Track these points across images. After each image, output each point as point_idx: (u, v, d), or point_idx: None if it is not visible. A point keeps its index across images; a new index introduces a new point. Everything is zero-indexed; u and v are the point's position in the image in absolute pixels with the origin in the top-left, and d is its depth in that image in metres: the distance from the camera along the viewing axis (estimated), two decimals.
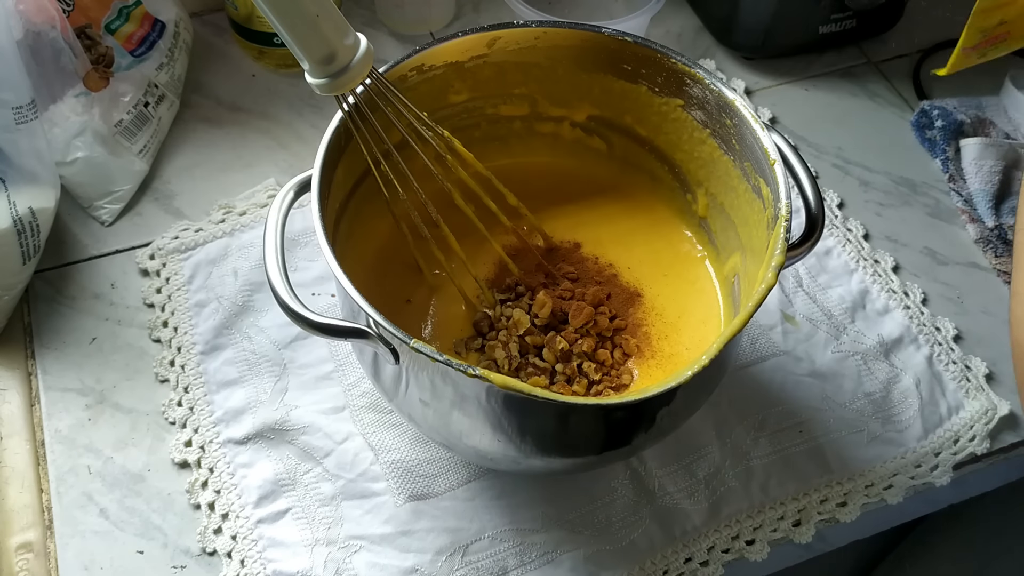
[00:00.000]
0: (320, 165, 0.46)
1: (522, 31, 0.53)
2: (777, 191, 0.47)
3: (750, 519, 0.56)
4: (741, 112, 0.50)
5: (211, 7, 0.79)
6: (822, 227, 0.48)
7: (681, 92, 0.53)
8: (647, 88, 0.54)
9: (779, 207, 0.46)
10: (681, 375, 0.40)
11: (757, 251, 0.49)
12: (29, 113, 0.57)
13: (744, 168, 0.51)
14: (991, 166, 0.71)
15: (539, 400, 0.40)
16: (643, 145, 0.58)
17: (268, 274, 0.45)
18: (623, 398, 0.41)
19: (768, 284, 0.43)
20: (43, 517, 0.54)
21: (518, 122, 0.59)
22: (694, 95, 0.52)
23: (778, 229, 0.45)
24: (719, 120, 0.52)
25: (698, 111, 0.53)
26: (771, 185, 0.47)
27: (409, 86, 0.52)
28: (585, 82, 0.55)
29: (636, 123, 0.57)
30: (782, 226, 0.45)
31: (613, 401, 0.42)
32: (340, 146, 0.49)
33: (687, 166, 0.56)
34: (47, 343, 0.60)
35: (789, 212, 0.46)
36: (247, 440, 0.57)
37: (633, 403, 0.41)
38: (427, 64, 0.52)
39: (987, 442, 0.59)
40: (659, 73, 0.53)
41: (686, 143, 0.55)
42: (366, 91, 0.48)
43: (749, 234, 0.51)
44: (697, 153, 0.55)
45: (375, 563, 0.53)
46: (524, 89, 0.57)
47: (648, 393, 0.40)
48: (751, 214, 0.51)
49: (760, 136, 0.48)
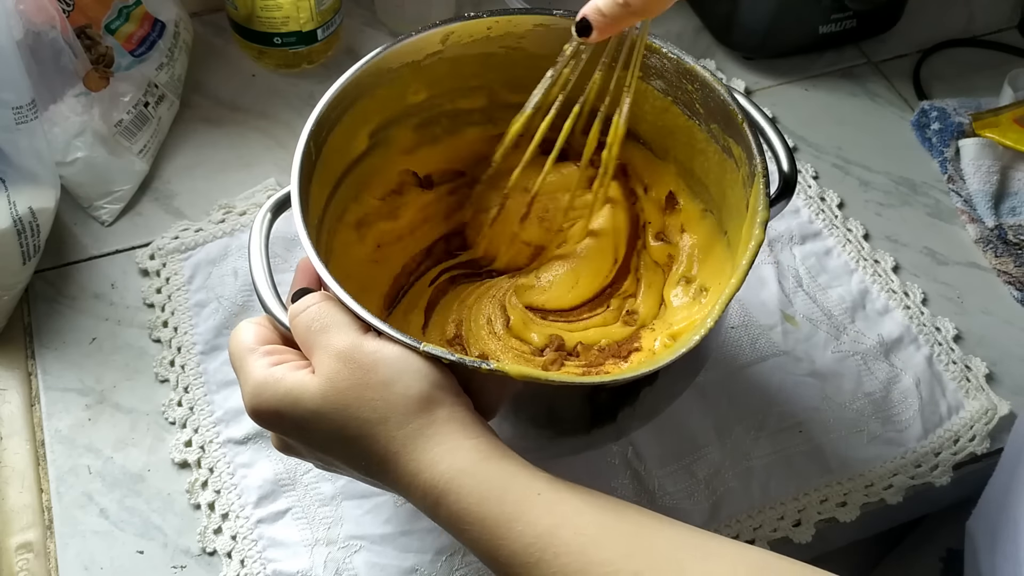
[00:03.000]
0: (297, 180, 0.46)
1: (474, 23, 0.52)
2: (750, 149, 0.47)
3: (750, 519, 0.56)
4: (702, 75, 0.50)
5: (211, 7, 0.79)
6: (795, 184, 0.48)
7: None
8: (607, 67, 0.54)
9: (754, 164, 0.46)
10: (688, 340, 0.41)
11: (734, 210, 0.50)
12: (29, 113, 0.57)
13: (711, 130, 0.51)
14: (989, 166, 0.71)
15: (555, 384, 0.40)
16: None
17: (262, 300, 0.44)
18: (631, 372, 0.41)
19: (757, 240, 0.43)
20: (43, 517, 0.54)
21: (477, 114, 0.58)
22: (652, 65, 0.52)
23: (756, 185, 0.45)
24: (680, 87, 0.51)
25: (657, 80, 0.52)
26: (742, 144, 0.48)
27: (365, 89, 0.51)
28: (542, 65, 0.55)
29: (596, 99, 0.55)
30: (760, 181, 0.45)
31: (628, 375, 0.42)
32: (312, 160, 0.48)
33: (651, 136, 0.56)
34: (47, 343, 0.60)
35: (765, 167, 0.46)
36: (247, 440, 0.57)
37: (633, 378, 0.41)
38: (384, 67, 0.52)
39: (987, 442, 0.59)
40: (615, 48, 0.52)
41: (648, 114, 0.55)
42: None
43: (723, 194, 0.52)
44: (661, 122, 0.54)
45: (375, 563, 0.53)
46: (481, 80, 0.56)
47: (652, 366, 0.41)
48: (723, 174, 0.51)
49: (725, 97, 0.49)
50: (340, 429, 0.38)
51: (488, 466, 0.37)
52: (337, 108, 0.50)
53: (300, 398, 0.39)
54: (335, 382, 0.38)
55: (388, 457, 0.38)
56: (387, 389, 0.38)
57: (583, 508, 0.37)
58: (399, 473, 0.38)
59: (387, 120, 0.54)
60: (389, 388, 0.38)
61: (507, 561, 0.36)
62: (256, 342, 0.42)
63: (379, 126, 0.54)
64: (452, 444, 0.38)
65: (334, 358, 0.39)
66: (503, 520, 0.36)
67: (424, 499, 0.38)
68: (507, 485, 0.37)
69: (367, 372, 0.38)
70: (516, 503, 0.36)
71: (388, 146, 0.55)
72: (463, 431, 0.38)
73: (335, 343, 0.39)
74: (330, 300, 0.41)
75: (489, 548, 0.36)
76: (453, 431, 0.38)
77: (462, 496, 0.37)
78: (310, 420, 0.39)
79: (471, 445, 0.38)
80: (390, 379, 0.38)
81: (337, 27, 0.75)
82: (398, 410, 0.38)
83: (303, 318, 0.41)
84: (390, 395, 0.38)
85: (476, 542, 0.37)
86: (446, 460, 0.37)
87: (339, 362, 0.39)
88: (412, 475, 0.38)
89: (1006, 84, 0.75)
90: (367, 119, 0.53)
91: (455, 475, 0.37)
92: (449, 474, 0.37)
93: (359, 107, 0.51)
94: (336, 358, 0.39)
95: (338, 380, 0.38)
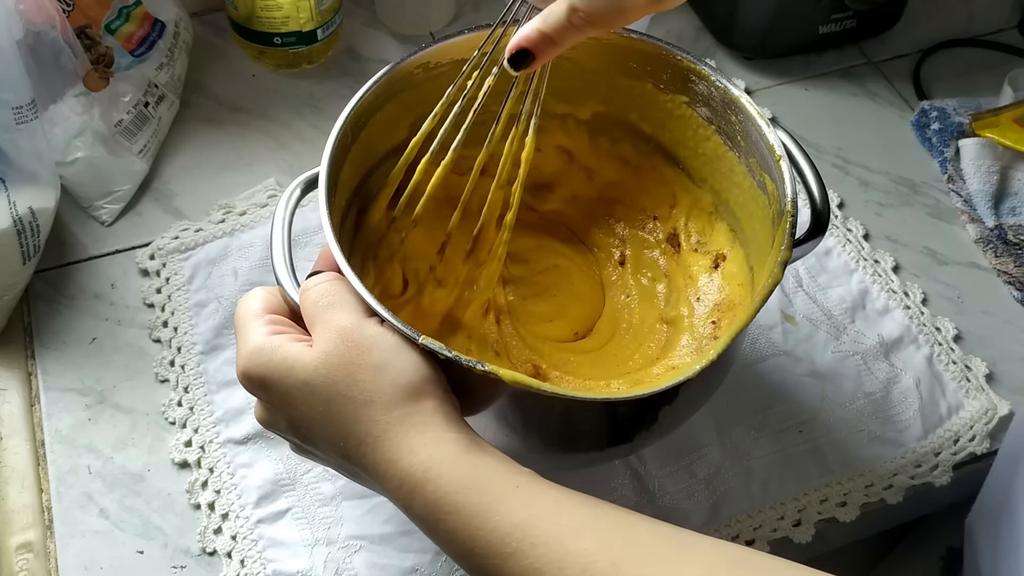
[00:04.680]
0: (328, 161, 0.46)
1: None
2: (783, 187, 0.46)
3: (750, 519, 0.56)
4: (747, 109, 0.50)
5: (211, 7, 0.79)
6: (827, 223, 0.48)
7: (686, 89, 0.53)
8: (652, 85, 0.54)
9: (784, 202, 0.46)
10: (689, 370, 0.40)
11: (761, 246, 0.49)
12: (29, 113, 0.57)
13: (749, 164, 0.51)
14: (989, 166, 0.71)
15: (547, 395, 0.40)
16: (648, 142, 0.57)
17: (276, 273, 0.44)
18: (629, 393, 0.41)
19: (775, 279, 0.43)
20: (43, 517, 0.54)
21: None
22: (699, 92, 0.52)
23: (783, 224, 0.45)
24: (724, 117, 0.51)
25: (703, 108, 0.53)
26: (776, 181, 0.47)
27: (414, 83, 0.52)
28: (591, 79, 0.55)
29: (641, 120, 0.56)
30: (787, 221, 0.45)
31: (619, 396, 0.42)
32: (347, 144, 0.48)
33: (691, 163, 0.56)
34: (47, 343, 0.60)
35: (795, 208, 0.45)
36: (247, 440, 0.57)
37: (640, 398, 0.40)
38: (433, 62, 0.52)
39: (987, 442, 0.59)
40: (664, 70, 0.53)
41: (691, 140, 0.55)
42: None
43: (754, 229, 0.51)
44: (702, 150, 0.55)
45: (375, 563, 0.53)
46: (528, 86, 0.56)
47: (655, 388, 0.40)
48: (756, 210, 0.51)
49: (766, 133, 0.48)
50: (325, 403, 0.39)
51: (469, 458, 0.37)
52: (381, 96, 0.50)
53: (293, 367, 0.39)
54: (330, 357, 0.39)
55: (368, 440, 0.38)
56: (377, 373, 0.39)
57: (562, 501, 0.37)
58: (377, 458, 0.38)
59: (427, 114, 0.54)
60: (379, 373, 0.39)
61: (483, 552, 0.36)
62: (263, 309, 0.43)
63: (420, 119, 0.53)
64: (434, 435, 0.38)
65: (334, 333, 0.39)
66: (480, 510, 0.36)
67: (400, 488, 0.38)
68: (487, 476, 0.37)
69: (361, 353, 0.39)
70: (495, 493, 0.36)
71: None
72: (446, 425, 0.38)
73: (338, 320, 0.40)
74: (342, 281, 0.42)
75: (465, 539, 0.36)
76: (436, 424, 0.38)
77: (440, 485, 0.37)
78: (298, 391, 0.39)
79: (452, 438, 0.38)
80: (382, 364, 0.39)
81: (337, 27, 0.75)
82: (385, 396, 0.38)
83: (312, 293, 0.42)
84: (379, 380, 0.39)
85: (452, 532, 0.37)
86: (427, 449, 0.37)
87: (337, 338, 0.39)
88: (390, 462, 0.38)
89: (1006, 84, 0.75)
90: (410, 111, 0.52)
91: (434, 464, 0.37)
92: (428, 463, 0.37)
93: (403, 98, 0.51)
94: (335, 333, 0.39)
95: (333, 355, 0.39)
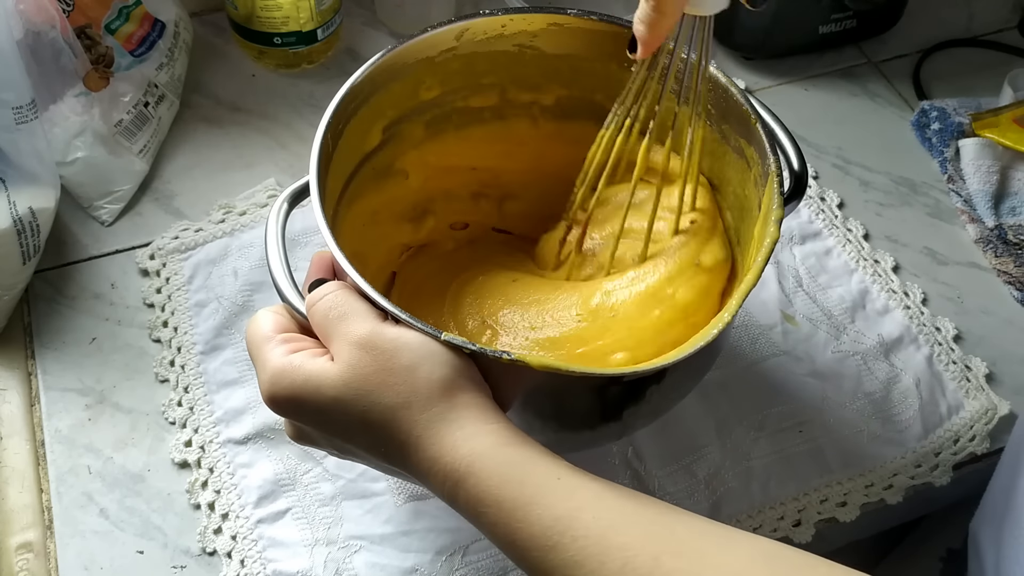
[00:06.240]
0: (315, 169, 0.46)
1: (489, 20, 0.52)
2: (763, 148, 0.47)
3: (750, 519, 0.56)
4: (715, 77, 0.50)
5: (211, 7, 0.79)
6: (806, 184, 0.49)
7: (653, 63, 0.52)
8: (616, 64, 0.53)
9: (767, 163, 0.46)
10: (707, 333, 0.41)
11: (746, 209, 0.50)
12: (29, 113, 0.57)
13: (723, 131, 0.51)
14: (989, 166, 0.71)
15: (575, 375, 0.40)
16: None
17: (280, 290, 0.44)
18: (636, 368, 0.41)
19: (772, 238, 0.43)
20: (43, 517, 0.54)
21: (488, 112, 0.58)
22: (664, 66, 0.52)
23: (771, 184, 0.46)
24: (692, 88, 0.51)
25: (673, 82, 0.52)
26: (755, 144, 0.48)
27: (379, 84, 0.51)
28: (553, 64, 0.55)
29: (607, 100, 0.55)
30: (774, 180, 0.45)
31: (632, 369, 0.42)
32: (328, 152, 0.48)
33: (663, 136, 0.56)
34: (47, 343, 0.60)
35: (779, 166, 0.46)
36: (247, 440, 0.57)
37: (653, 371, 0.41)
38: (398, 63, 0.52)
39: (987, 442, 0.59)
40: (627, 47, 0.52)
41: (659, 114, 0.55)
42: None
43: (735, 194, 0.52)
44: (671, 122, 0.54)
45: (375, 563, 0.53)
46: (493, 78, 0.56)
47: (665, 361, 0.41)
48: (735, 174, 0.51)
49: (738, 98, 0.49)
50: (362, 415, 0.38)
51: (509, 450, 0.37)
52: (353, 102, 0.50)
53: (320, 386, 0.39)
54: (356, 369, 0.38)
55: (409, 441, 0.38)
56: (411, 374, 0.38)
57: (603, 494, 0.37)
58: (420, 458, 0.38)
59: (400, 116, 0.54)
60: (413, 373, 0.38)
61: (525, 544, 0.36)
62: (274, 330, 0.42)
63: (392, 121, 0.54)
64: (473, 429, 0.38)
65: (354, 345, 0.39)
66: (522, 503, 0.36)
67: (444, 483, 0.38)
68: (527, 469, 0.37)
69: (390, 358, 0.39)
70: (536, 486, 0.36)
71: (401, 141, 0.55)
72: (483, 416, 0.38)
73: (354, 331, 0.39)
74: (347, 288, 0.42)
75: (507, 531, 0.36)
76: (474, 416, 0.38)
77: (482, 479, 0.37)
78: (331, 407, 0.39)
79: (491, 430, 0.38)
80: (413, 364, 0.39)
81: (337, 27, 0.75)
82: (421, 395, 0.38)
83: (320, 306, 0.41)
84: (414, 380, 0.38)
85: (494, 526, 0.37)
86: (467, 444, 0.37)
87: (360, 349, 0.39)
88: (433, 460, 0.38)
89: (1006, 84, 0.75)
90: (382, 114, 0.53)
91: (476, 459, 0.37)
92: (470, 458, 0.37)
93: (374, 102, 0.51)
94: (356, 345, 0.39)
95: (360, 367, 0.38)
